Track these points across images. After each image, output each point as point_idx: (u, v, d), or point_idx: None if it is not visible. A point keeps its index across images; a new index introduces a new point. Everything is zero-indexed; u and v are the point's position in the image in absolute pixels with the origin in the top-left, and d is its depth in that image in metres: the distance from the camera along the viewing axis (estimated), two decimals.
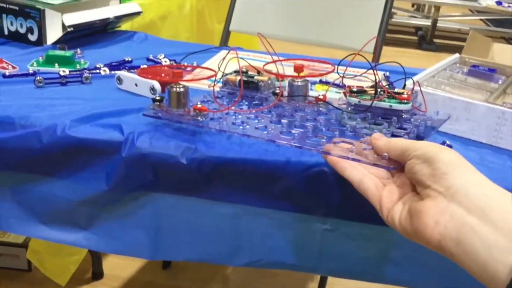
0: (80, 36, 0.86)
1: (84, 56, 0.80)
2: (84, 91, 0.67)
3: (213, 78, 0.61)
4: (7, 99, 0.61)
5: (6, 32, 0.83)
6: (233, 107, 0.59)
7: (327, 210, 0.55)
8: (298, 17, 1.47)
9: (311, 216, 0.55)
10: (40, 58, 0.74)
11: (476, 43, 0.89)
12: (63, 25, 0.82)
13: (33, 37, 0.82)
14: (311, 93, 0.75)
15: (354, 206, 0.54)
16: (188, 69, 0.75)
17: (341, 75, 0.61)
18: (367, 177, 0.47)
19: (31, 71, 0.70)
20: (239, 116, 0.58)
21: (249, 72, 0.67)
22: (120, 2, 0.98)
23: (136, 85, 0.68)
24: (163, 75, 0.70)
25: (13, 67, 0.71)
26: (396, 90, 0.59)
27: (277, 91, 0.63)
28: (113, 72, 0.73)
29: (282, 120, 0.57)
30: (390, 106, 0.57)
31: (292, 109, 0.60)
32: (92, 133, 0.55)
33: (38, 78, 0.66)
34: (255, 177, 0.54)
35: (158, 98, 0.59)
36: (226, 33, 1.52)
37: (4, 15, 0.83)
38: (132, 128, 0.56)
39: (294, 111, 0.60)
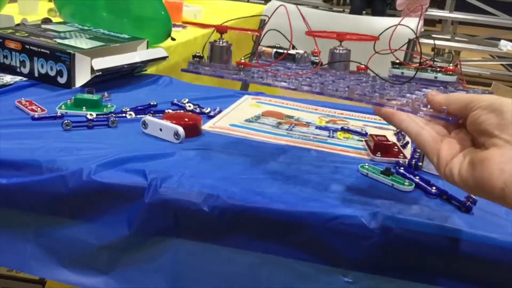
0: (108, 80, 0.89)
1: (111, 100, 0.82)
2: (110, 135, 0.68)
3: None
4: (35, 142, 0.62)
5: (36, 74, 0.86)
6: (274, 70, 0.56)
7: (349, 262, 0.54)
8: None
9: (332, 268, 0.55)
10: (69, 101, 0.76)
11: (498, 94, 0.89)
12: (92, 68, 0.84)
13: (62, 80, 0.84)
14: (331, 140, 0.75)
15: (376, 259, 0.53)
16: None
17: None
18: (425, 130, 0.47)
19: (59, 114, 0.72)
20: (282, 76, 0.55)
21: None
22: (148, 47, 1.01)
23: (160, 129, 0.69)
24: (186, 119, 0.72)
25: (42, 110, 0.73)
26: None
27: (317, 60, 0.61)
28: (138, 116, 0.75)
29: (326, 81, 0.54)
30: (436, 77, 0.56)
31: (334, 77, 0.57)
32: (116, 178, 0.56)
33: (66, 121, 0.68)
34: (277, 226, 0.54)
35: (198, 54, 0.57)
36: None
37: (35, 58, 0.85)
38: (156, 174, 0.56)
39: (337, 79, 0.56)
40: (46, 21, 1.27)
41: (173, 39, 1.24)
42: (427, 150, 0.47)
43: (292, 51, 0.62)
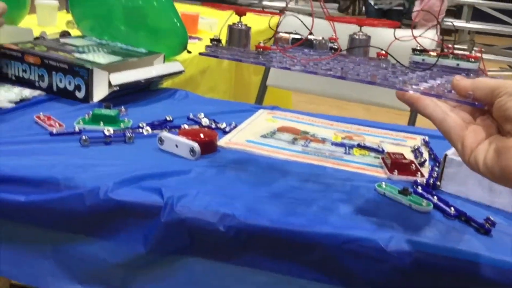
0: (125, 94, 0.89)
1: (128, 114, 0.82)
2: (127, 151, 0.68)
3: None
4: (53, 158, 0.63)
5: (55, 89, 0.87)
6: (293, 55, 0.56)
7: (365, 285, 0.53)
8: None
9: None
10: (86, 116, 0.77)
11: None
12: (109, 83, 0.85)
13: (80, 94, 0.85)
14: (347, 157, 0.75)
15: (393, 282, 0.52)
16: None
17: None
18: (449, 116, 0.46)
19: (77, 130, 0.72)
20: (301, 61, 0.54)
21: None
22: (164, 61, 1.01)
23: (176, 146, 0.69)
24: (202, 135, 0.72)
25: (60, 125, 0.73)
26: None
27: (335, 46, 0.60)
28: (155, 131, 0.75)
29: (345, 67, 0.53)
30: (457, 64, 0.55)
31: (353, 63, 0.56)
32: (133, 196, 0.56)
33: (84, 137, 0.68)
34: (292, 246, 0.54)
35: (216, 38, 0.56)
36: (263, 88, 1.55)
37: (54, 73, 0.86)
38: (172, 192, 0.57)
39: (356, 65, 0.55)
40: (65, 34, 1.28)
41: (189, 52, 1.25)
42: (451, 137, 0.46)
43: (310, 37, 0.62)
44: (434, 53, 0.58)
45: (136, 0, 1.16)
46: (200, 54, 0.58)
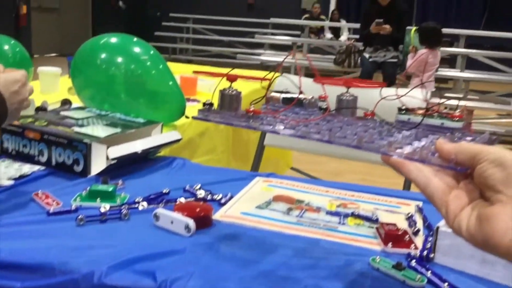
0: (123, 165, 0.91)
1: (125, 188, 0.84)
2: (122, 230, 0.69)
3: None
4: (49, 241, 0.64)
5: (53, 163, 0.89)
6: (283, 116, 0.58)
7: None
8: None
9: None
10: (84, 191, 0.78)
11: None
12: (108, 156, 0.87)
13: (78, 168, 0.87)
14: (341, 227, 0.75)
15: None
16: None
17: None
18: (432, 182, 0.47)
19: (73, 207, 0.73)
20: (291, 123, 0.56)
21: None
22: (162, 130, 1.04)
23: (172, 222, 0.70)
24: (197, 210, 0.73)
25: (57, 203, 0.75)
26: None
27: (324, 106, 0.62)
28: (151, 206, 0.76)
29: (334, 129, 0.55)
30: (442, 123, 0.56)
31: (341, 123, 0.58)
32: (127, 281, 0.57)
33: (80, 216, 0.69)
34: None
35: (208, 102, 0.59)
36: (261, 148, 1.57)
37: (53, 147, 0.89)
38: (165, 275, 0.57)
39: (344, 125, 0.57)
40: (66, 102, 1.32)
41: (187, 117, 1.28)
42: (435, 202, 0.47)
43: (300, 96, 0.65)
44: (420, 112, 0.60)
45: (135, 69, 1.19)
46: (193, 117, 0.61)
